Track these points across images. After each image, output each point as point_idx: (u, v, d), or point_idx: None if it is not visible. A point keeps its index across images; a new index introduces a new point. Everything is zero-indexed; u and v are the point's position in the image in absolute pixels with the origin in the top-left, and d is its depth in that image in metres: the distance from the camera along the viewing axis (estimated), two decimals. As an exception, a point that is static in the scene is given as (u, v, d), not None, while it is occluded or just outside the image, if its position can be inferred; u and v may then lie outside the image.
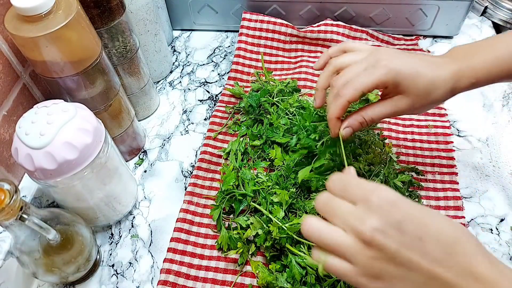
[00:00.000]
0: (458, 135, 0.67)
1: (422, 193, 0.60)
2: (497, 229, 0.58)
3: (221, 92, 0.75)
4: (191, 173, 0.65)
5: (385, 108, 0.47)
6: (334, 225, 0.34)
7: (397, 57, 0.45)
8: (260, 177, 0.59)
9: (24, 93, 0.61)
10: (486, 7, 0.82)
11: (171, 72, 0.79)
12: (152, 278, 0.55)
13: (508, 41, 0.46)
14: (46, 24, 0.45)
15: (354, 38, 0.78)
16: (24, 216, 0.41)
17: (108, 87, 0.56)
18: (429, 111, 0.69)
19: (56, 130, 0.44)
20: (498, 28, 0.83)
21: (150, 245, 0.58)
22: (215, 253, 0.56)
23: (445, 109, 0.69)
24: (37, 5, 0.44)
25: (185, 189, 0.63)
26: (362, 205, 0.33)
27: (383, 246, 0.31)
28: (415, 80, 0.44)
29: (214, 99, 0.75)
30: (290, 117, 0.63)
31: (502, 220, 0.58)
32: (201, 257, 0.56)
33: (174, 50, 0.83)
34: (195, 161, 0.66)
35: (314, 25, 0.78)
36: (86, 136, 0.46)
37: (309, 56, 0.78)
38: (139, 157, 0.68)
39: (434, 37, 0.81)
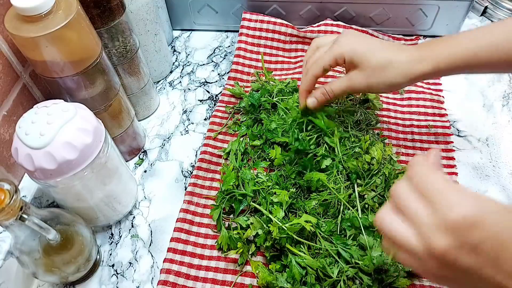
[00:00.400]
0: (458, 135, 0.67)
1: None
2: (497, 229, 0.58)
3: (221, 92, 0.75)
4: (191, 173, 0.65)
5: (342, 81, 0.54)
6: (407, 223, 0.32)
7: (357, 38, 0.53)
8: (260, 177, 0.59)
9: (24, 93, 0.61)
10: (486, 7, 0.82)
11: (171, 72, 0.79)
12: (152, 278, 0.55)
13: (474, 34, 0.48)
14: (46, 24, 0.45)
15: None
16: (24, 216, 0.41)
17: (108, 87, 0.56)
18: (429, 111, 0.69)
19: (56, 130, 0.44)
20: (498, 28, 0.83)
21: (150, 245, 0.58)
22: (215, 253, 0.56)
23: (445, 109, 0.69)
24: (37, 5, 0.44)
25: (185, 189, 0.63)
26: (439, 217, 0.30)
27: (453, 263, 0.29)
28: (368, 56, 0.50)
29: (214, 99, 0.75)
30: (283, 117, 0.64)
31: (502, 220, 0.58)
32: (201, 257, 0.56)
33: (174, 50, 0.83)
34: (195, 161, 0.66)
35: (314, 25, 0.78)
36: (86, 136, 0.46)
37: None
38: (139, 157, 0.68)
39: (434, 37, 0.81)
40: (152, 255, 0.57)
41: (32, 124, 0.45)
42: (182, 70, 0.80)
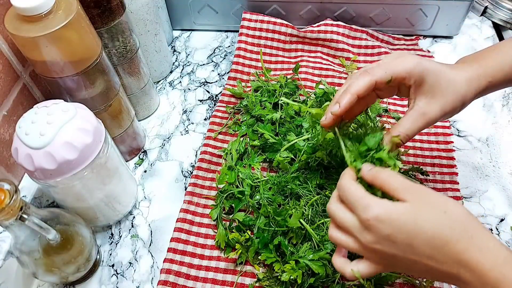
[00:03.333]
0: (458, 135, 0.67)
1: None
2: (497, 229, 0.58)
3: (221, 92, 0.75)
4: (191, 173, 0.65)
5: (414, 118, 0.43)
6: (341, 231, 0.39)
7: (420, 63, 0.43)
8: (256, 174, 0.59)
9: (24, 93, 0.61)
10: (486, 7, 0.82)
11: (171, 72, 0.79)
12: (152, 278, 0.55)
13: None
14: (46, 24, 0.45)
15: (354, 38, 0.78)
16: (24, 216, 0.41)
17: (108, 87, 0.56)
18: None
19: (56, 130, 0.44)
20: (498, 28, 0.83)
21: (150, 245, 0.58)
22: (215, 253, 0.56)
23: None
24: (37, 5, 0.44)
25: (185, 189, 0.63)
26: (360, 221, 0.37)
27: (381, 252, 0.36)
28: (438, 77, 0.42)
29: (214, 99, 0.75)
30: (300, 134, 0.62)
31: (502, 220, 0.58)
32: (201, 257, 0.56)
33: (174, 50, 0.83)
34: (195, 161, 0.66)
35: (314, 25, 0.78)
36: (86, 136, 0.46)
37: (309, 56, 0.78)
38: (139, 157, 0.68)
39: (434, 37, 0.81)
40: (152, 255, 0.57)
41: (32, 124, 0.44)
42: (182, 70, 0.80)
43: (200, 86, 0.77)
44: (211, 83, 0.77)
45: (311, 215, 0.54)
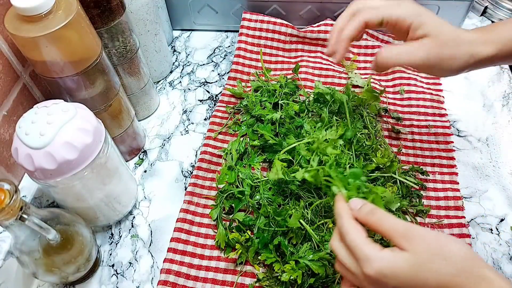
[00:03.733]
0: (458, 135, 0.67)
1: (423, 193, 0.60)
2: (497, 229, 0.58)
3: (221, 92, 0.75)
4: (191, 173, 0.65)
5: (415, 49, 0.45)
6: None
7: (420, 6, 0.46)
8: (256, 173, 0.59)
9: (24, 93, 0.61)
10: (486, 7, 0.82)
11: (171, 72, 0.79)
12: (152, 278, 0.55)
13: None
14: (46, 24, 0.45)
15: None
16: (24, 216, 0.41)
17: (108, 87, 0.56)
18: (429, 111, 0.69)
19: (56, 130, 0.44)
20: (498, 28, 0.83)
21: (150, 245, 0.58)
22: (215, 253, 0.56)
23: (445, 109, 0.69)
24: (37, 5, 0.44)
25: (185, 189, 0.63)
26: (362, 269, 0.36)
27: None
28: (439, 26, 0.44)
29: (214, 99, 0.75)
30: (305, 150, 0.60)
31: (502, 220, 0.58)
32: (201, 257, 0.56)
33: (174, 50, 0.83)
34: (195, 161, 0.66)
35: (314, 25, 0.78)
36: (86, 136, 0.46)
37: (309, 56, 0.78)
38: (139, 157, 0.68)
39: (434, 37, 0.81)
40: (152, 255, 0.57)
41: (32, 124, 0.44)
42: (182, 70, 0.80)
43: (200, 86, 0.77)
44: (211, 83, 0.77)
45: (311, 216, 0.54)
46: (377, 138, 0.63)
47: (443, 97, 0.71)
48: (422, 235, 0.35)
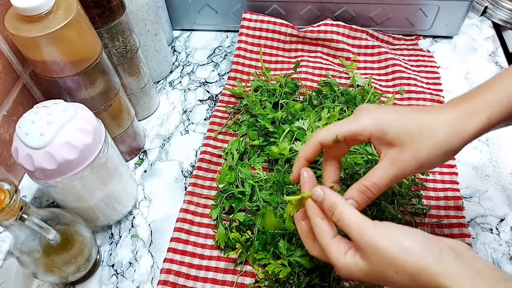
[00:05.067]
0: (458, 135, 0.67)
1: (422, 193, 0.60)
2: (497, 229, 0.58)
3: (221, 92, 0.75)
4: (191, 173, 0.65)
5: (383, 169, 0.40)
6: None
7: (381, 107, 0.42)
8: (258, 173, 0.59)
9: (24, 93, 0.61)
10: (486, 7, 0.82)
11: (171, 72, 0.79)
12: (152, 278, 0.55)
13: None
14: (46, 24, 0.45)
15: (354, 38, 0.78)
16: (24, 216, 0.41)
17: (108, 87, 0.56)
18: None
19: (56, 130, 0.44)
20: (498, 28, 0.83)
21: (150, 245, 0.58)
22: (215, 253, 0.56)
23: None
24: (37, 5, 0.44)
25: (185, 189, 0.63)
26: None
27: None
28: (405, 124, 0.39)
29: (214, 99, 0.75)
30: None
31: (502, 220, 0.58)
32: (201, 257, 0.56)
33: (174, 50, 0.83)
34: (195, 161, 0.66)
35: (314, 25, 0.78)
36: (86, 136, 0.46)
37: (309, 56, 0.78)
38: (139, 157, 0.68)
39: (434, 37, 0.81)
40: (152, 255, 0.57)
41: (32, 124, 0.44)
42: (182, 70, 0.80)
43: (200, 86, 0.77)
44: (211, 83, 0.77)
45: None
46: None
47: (443, 97, 0.71)
48: (373, 246, 0.35)
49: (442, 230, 0.57)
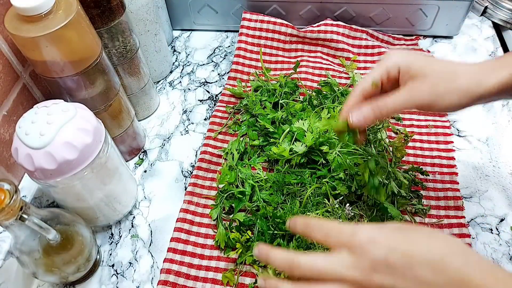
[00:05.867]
0: (458, 135, 0.67)
1: (422, 193, 0.60)
2: (497, 229, 0.58)
3: (221, 92, 0.75)
4: (191, 173, 0.65)
5: (399, 94, 0.43)
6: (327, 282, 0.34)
7: (409, 52, 0.46)
8: (259, 173, 0.59)
9: (24, 93, 0.61)
10: (486, 7, 0.82)
11: (171, 72, 0.79)
12: (152, 278, 0.55)
13: None
14: (46, 24, 0.45)
15: (354, 38, 0.78)
16: (24, 216, 0.41)
17: (108, 87, 0.56)
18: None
19: (56, 130, 0.44)
20: (498, 28, 0.83)
21: (150, 245, 0.58)
22: (215, 253, 0.56)
23: None
24: (37, 5, 0.44)
25: (185, 189, 0.63)
26: (347, 251, 0.34)
27: (380, 285, 0.33)
28: (430, 63, 0.43)
29: (214, 99, 0.75)
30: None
31: (502, 220, 0.58)
32: (201, 257, 0.56)
33: (174, 50, 0.83)
34: (195, 161, 0.66)
35: (314, 25, 0.78)
36: (86, 136, 0.46)
37: (309, 56, 0.78)
38: (139, 157, 0.68)
39: (434, 37, 0.81)
40: (152, 255, 0.57)
41: (32, 124, 0.44)
42: (182, 70, 0.80)
43: (200, 86, 0.77)
44: (211, 83, 0.77)
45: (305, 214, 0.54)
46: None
47: None
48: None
49: (442, 230, 0.57)
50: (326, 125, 0.59)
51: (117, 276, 0.56)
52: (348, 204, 0.56)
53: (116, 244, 0.59)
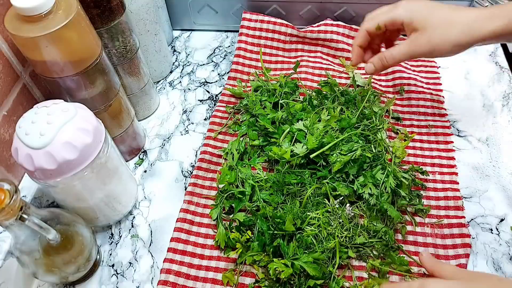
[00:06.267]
0: (458, 135, 0.67)
1: (422, 193, 0.60)
2: (497, 229, 0.58)
3: (221, 92, 0.75)
4: (191, 173, 0.65)
5: (403, 45, 0.52)
6: None
7: (418, 2, 0.52)
8: (259, 173, 0.59)
9: (24, 93, 0.61)
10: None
11: (171, 72, 0.79)
12: (152, 278, 0.55)
13: None
14: (46, 24, 0.45)
15: (353, 38, 0.77)
16: (24, 216, 0.41)
17: (108, 87, 0.56)
18: (429, 111, 0.69)
19: (56, 130, 0.44)
20: (498, 28, 0.83)
21: (150, 245, 0.58)
22: (215, 253, 0.56)
23: (445, 109, 0.69)
24: (37, 5, 0.44)
25: (185, 189, 0.63)
26: None
27: None
28: (429, 15, 0.49)
29: (214, 99, 0.75)
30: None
31: (502, 220, 0.58)
32: (201, 257, 0.56)
33: (174, 50, 0.83)
34: (195, 161, 0.66)
35: (314, 25, 0.78)
36: (86, 136, 0.46)
37: (309, 56, 0.78)
38: (139, 157, 0.68)
39: (434, 37, 0.81)
40: (152, 255, 0.57)
41: (32, 124, 0.44)
42: (182, 70, 0.80)
43: (200, 86, 0.77)
44: (211, 83, 0.77)
45: (304, 216, 0.54)
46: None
47: (443, 97, 0.71)
48: (473, 273, 0.44)
49: (442, 230, 0.57)
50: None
51: (117, 276, 0.56)
52: (348, 204, 0.56)
53: (116, 244, 0.59)
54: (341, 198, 0.57)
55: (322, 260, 0.51)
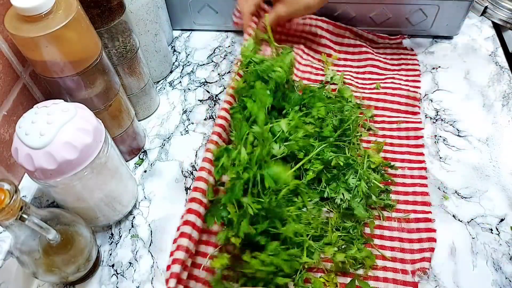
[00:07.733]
0: (458, 135, 0.67)
1: (392, 187, 0.61)
2: (497, 229, 0.58)
3: (221, 92, 0.75)
4: (191, 173, 0.65)
5: (272, 13, 0.70)
6: None
7: None
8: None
9: (24, 93, 0.61)
10: (486, 7, 0.82)
11: (171, 72, 0.79)
12: (152, 278, 0.55)
13: None
14: (46, 24, 0.45)
15: (337, 35, 0.78)
16: (24, 216, 0.41)
17: (108, 87, 0.56)
18: (402, 108, 0.69)
19: (56, 130, 0.44)
20: (498, 28, 0.83)
21: (150, 245, 0.58)
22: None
23: (419, 107, 0.69)
24: (37, 5, 0.44)
25: (185, 189, 0.63)
26: None
27: None
28: None
29: (214, 99, 0.75)
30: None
31: (502, 220, 0.58)
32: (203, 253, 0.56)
33: (174, 50, 0.83)
34: (195, 161, 0.66)
35: (299, 21, 0.78)
36: (86, 136, 0.46)
37: (295, 51, 0.78)
38: (139, 157, 0.68)
39: (434, 37, 0.81)
40: (152, 255, 0.57)
41: (32, 124, 0.44)
42: (182, 70, 0.80)
43: (200, 86, 0.77)
44: (211, 83, 0.77)
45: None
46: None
47: (419, 94, 0.71)
48: None
49: (409, 224, 0.57)
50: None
51: (117, 276, 0.56)
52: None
53: (116, 244, 0.59)
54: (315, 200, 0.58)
55: (295, 255, 0.51)
